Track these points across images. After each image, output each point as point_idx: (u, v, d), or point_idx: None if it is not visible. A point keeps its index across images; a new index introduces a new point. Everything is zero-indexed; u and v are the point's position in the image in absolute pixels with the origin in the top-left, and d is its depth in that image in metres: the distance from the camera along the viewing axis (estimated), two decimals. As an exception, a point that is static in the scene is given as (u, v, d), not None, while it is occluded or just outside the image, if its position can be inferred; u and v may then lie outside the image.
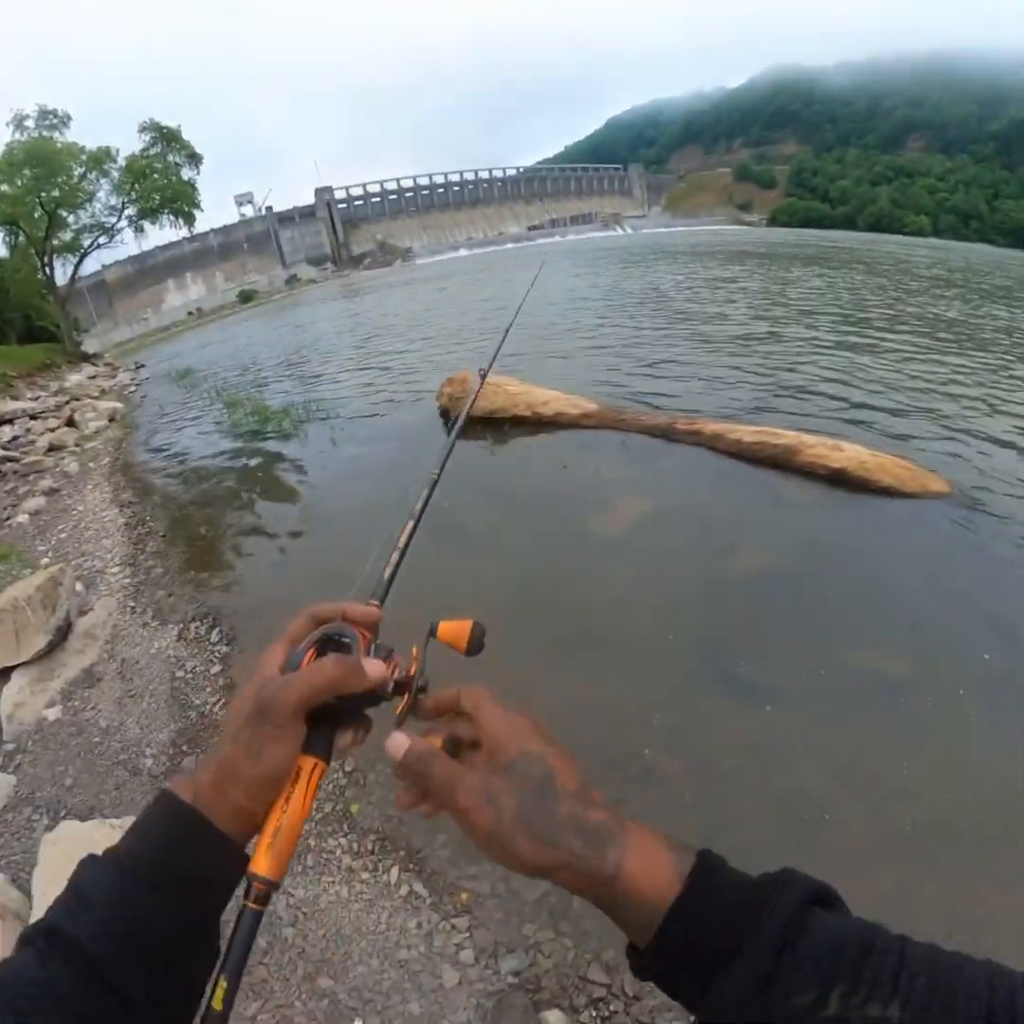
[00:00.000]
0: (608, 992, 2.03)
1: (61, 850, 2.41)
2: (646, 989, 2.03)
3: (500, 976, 2.08)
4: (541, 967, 2.10)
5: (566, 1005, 2.00)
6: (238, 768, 0.46)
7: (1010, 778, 2.65)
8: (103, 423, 11.76)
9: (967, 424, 6.30)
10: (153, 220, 30.05)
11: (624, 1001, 2.01)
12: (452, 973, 2.10)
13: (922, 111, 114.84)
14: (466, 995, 2.04)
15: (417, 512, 0.78)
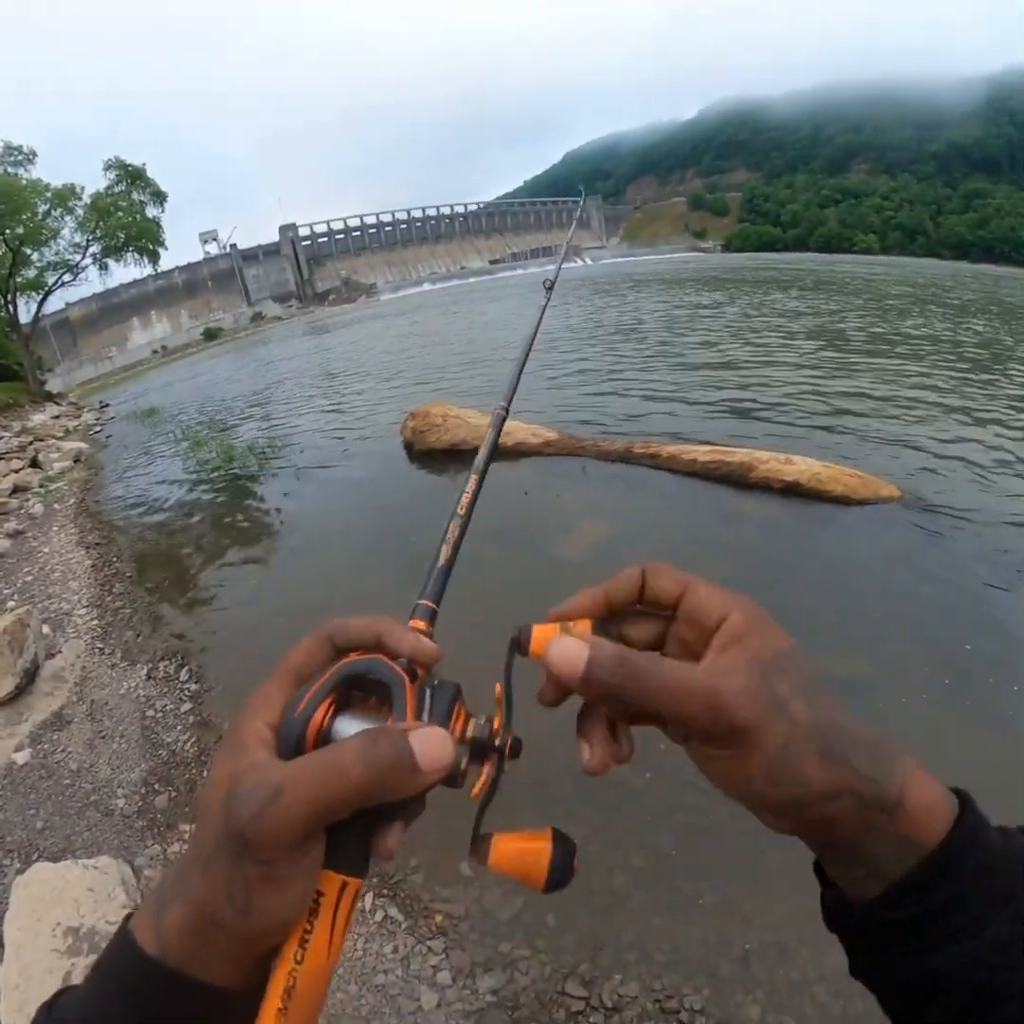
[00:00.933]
0: (587, 1005, 2.06)
1: (32, 892, 2.38)
2: (625, 1000, 2.06)
3: (478, 995, 2.10)
4: (519, 984, 2.12)
5: (546, 1020, 2.03)
6: (218, 918, 0.30)
7: (968, 766, 2.76)
8: (68, 464, 11.60)
9: (914, 431, 6.61)
10: (118, 258, 30.01)
11: (603, 1013, 2.04)
12: (430, 995, 2.11)
13: (865, 135, 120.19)
14: (445, 1016, 2.06)
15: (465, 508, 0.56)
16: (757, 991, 2.05)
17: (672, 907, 2.30)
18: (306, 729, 0.33)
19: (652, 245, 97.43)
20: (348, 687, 0.35)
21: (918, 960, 0.33)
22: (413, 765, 0.31)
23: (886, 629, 3.72)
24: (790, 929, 2.17)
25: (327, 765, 0.30)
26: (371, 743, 0.31)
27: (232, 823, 0.30)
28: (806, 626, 3.79)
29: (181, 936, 0.31)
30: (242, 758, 0.32)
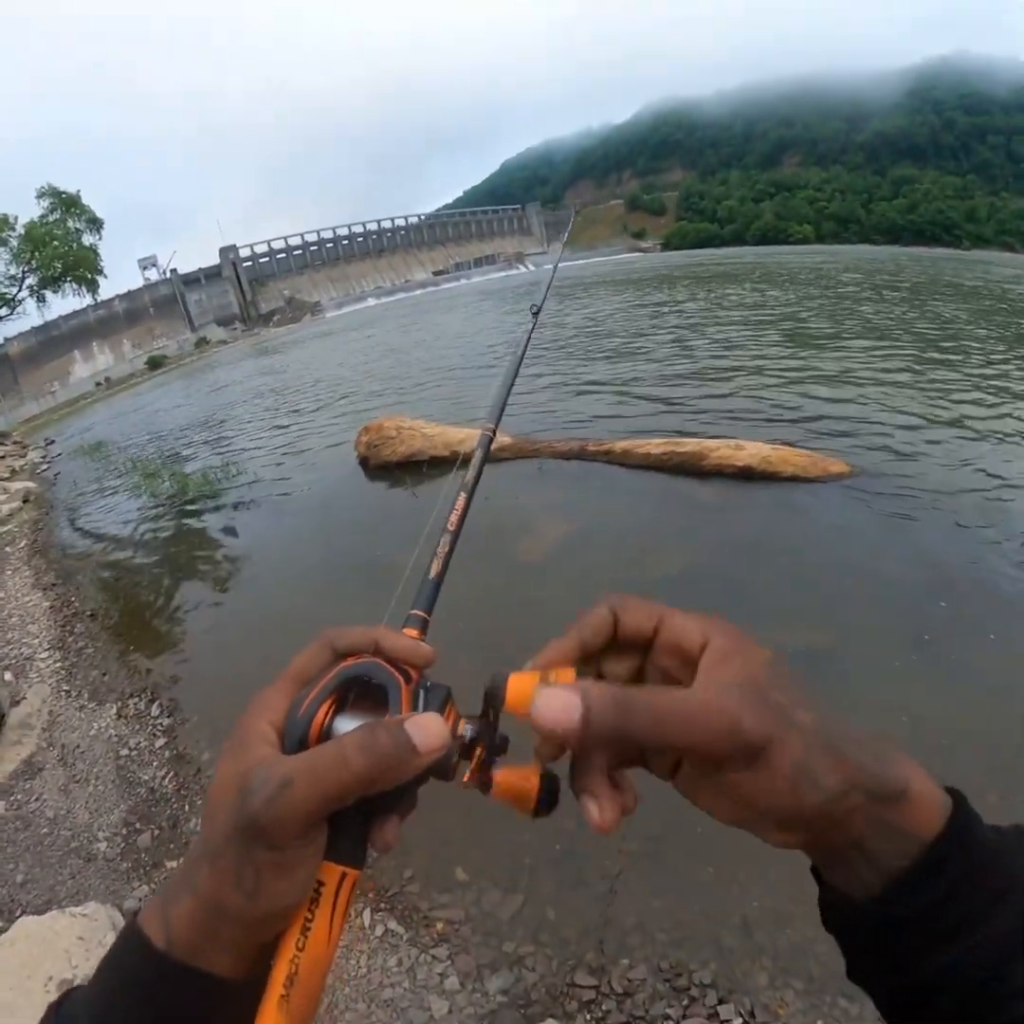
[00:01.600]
0: (598, 993, 2.08)
1: (19, 949, 2.30)
2: (635, 983, 2.09)
3: (489, 997, 2.10)
4: (528, 981, 2.13)
5: (559, 1013, 2.04)
6: (225, 904, 0.32)
7: (932, 719, 2.88)
8: (16, 504, 11.17)
9: (863, 410, 6.86)
10: (55, 289, 29.25)
11: (615, 999, 2.06)
12: (440, 1003, 2.10)
13: (794, 130, 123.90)
14: (458, 1022, 2.05)
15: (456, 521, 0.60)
16: (763, 958, 2.10)
17: (669, 886, 2.33)
18: (309, 728, 0.35)
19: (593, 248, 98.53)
20: (348, 689, 0.37)
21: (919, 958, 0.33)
22: (412, 748, 0.33)
23: (844, 600, 3.86)
24: (785, 893, 2.23)
25: (332, 756, 0.33)
26: (370, 734, 0.33)
27: (245, 813, 0.32)
28: (766, 603, 3.90)
29: (188, 928, 0.33)
30: (249, 756, 0.34)
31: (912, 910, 0.33)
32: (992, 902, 0.32)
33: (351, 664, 0.38)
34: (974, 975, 0.32)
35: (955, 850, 0.33)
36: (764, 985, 2.04)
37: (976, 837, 0.34)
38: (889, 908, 0.34)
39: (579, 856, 2.48)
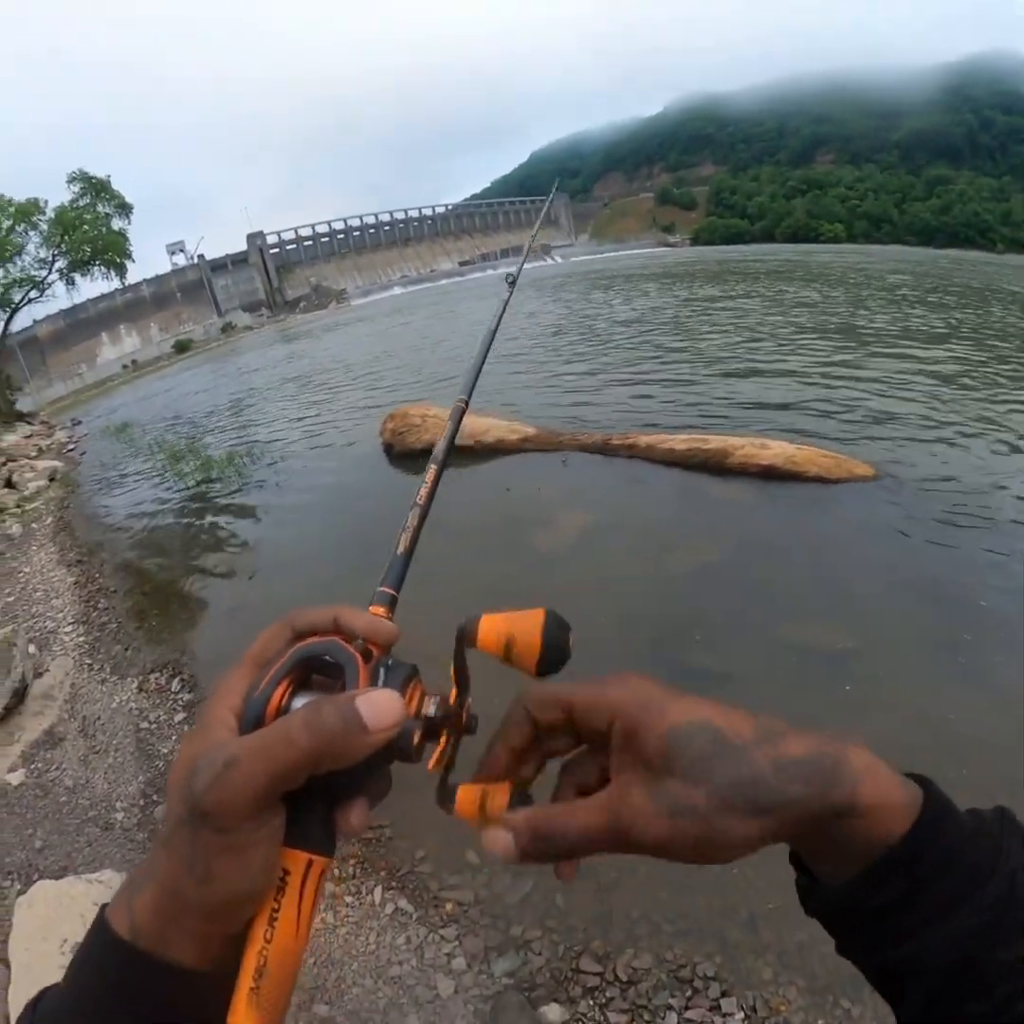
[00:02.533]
0: (602, 980, 2.09)
1: (36, 911, 2.36)
2: (639, 972, 2.09)
3: (494, 979, 2.12)
4: (534, 965, 2.15)
5: (563, 998, 2.05)
6: (181, 891, 0.31)
7: (952, 723, 2.84)
8: (44, 483, 11.41)
9: (889, 412, 6.74)
10: (84, 272, 29.50)
11: (619, 986, 2.07)
12: (447, 982, 2.13)
13: (827, 127, 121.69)
14: (463, 1002, 2.07)
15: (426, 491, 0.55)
16: (767, 954, 2.10)
17: (677, 878, 2.33)
18: (265, 710, 0.34)
19: (622, 241, 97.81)
20: (307, 669, 0.36)
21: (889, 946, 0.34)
22: (360, 725, 0.32)
23: (869, 602, 3.81)
24: (794, 892, 2.21)
25: (276, 735, 0.32)
26: (315, 711, 0.32)
27: (189, 795, 0.31)
28: (788, 603, 3.87)
29: (151, 917, 0.32)
30: (204, 740, 0.33)
31: (878, 902, 0.34)
32: (963, 892, 0.32)
33: (308, 644, 0.37)
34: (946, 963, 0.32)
35: (921, 847, 0.33)
36: (767, 981, 2.04)
37: (946, 829, 0.34)
38: (855, 898, 0.35)
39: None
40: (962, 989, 0.32)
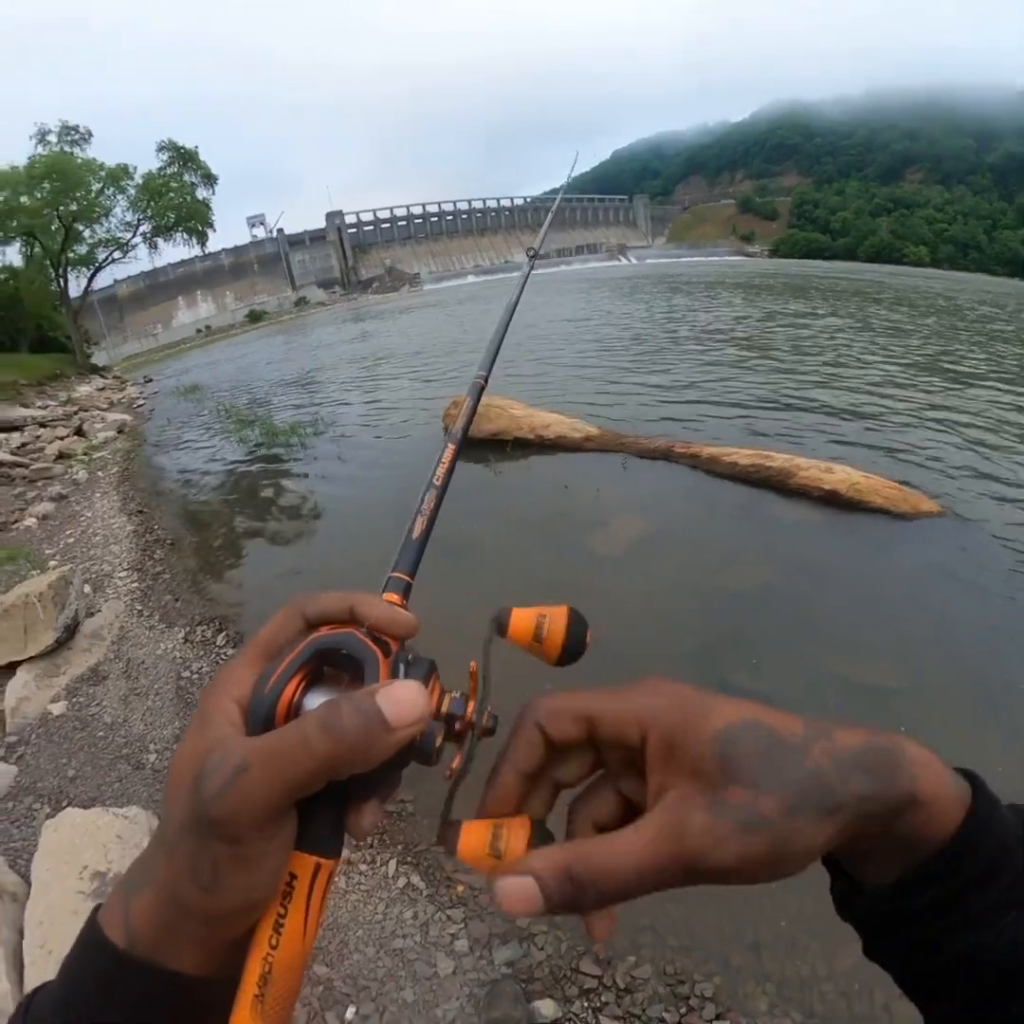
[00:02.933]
0: (600, 984, 2.08)
1: (62, 836, 2.44)
2: (637, 982, 2.07)
3: (494, 966, 2.13)
4: (534, 958, 2.15)
5: (558, 995, 2.05)
6: (183, 899, 0.30)
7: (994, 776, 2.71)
8: (112, 434, 11.92)
9: (962, 449, 6.44)
10: (167, 237, 30.69)
11: (615, 993, 2.05)
12: (447, 962, 2.14)
13: (919, 144, 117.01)
14: (459, 984, 2.09)
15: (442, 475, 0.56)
16: (767, 983, 2.05)
17: (687, 895, 2.29)
18: (275, 706, 0.32)
19: (699, 246, 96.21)
20: (320, 662, 0.34)
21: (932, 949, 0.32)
22: (383, 723, 0.29)
23: (922, 642, 3.65)
24: (803, 925, 2.17)
25: (292, 740, 0.29)
26: (334, 712, 0.30)
27: (198, 802, 0.29)
28: (838, 633, 3.75)
29: (148, 924, 0.30)
30: (208, 736, 0.31)
31: (925, 903, 0.32)
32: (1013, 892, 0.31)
33: (323, 635, 0.34)
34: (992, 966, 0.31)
35: (971, 846, 0.32)
36: (763, 1010, 2.00)
37: (994, 827, 0.32)
38: (901, 901, 0.33)
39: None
40: (1008, 991, 0.31)
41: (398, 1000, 2.05)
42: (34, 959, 2.05)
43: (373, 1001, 2.05)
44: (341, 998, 2.07)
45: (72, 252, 28.11)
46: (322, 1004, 2.06)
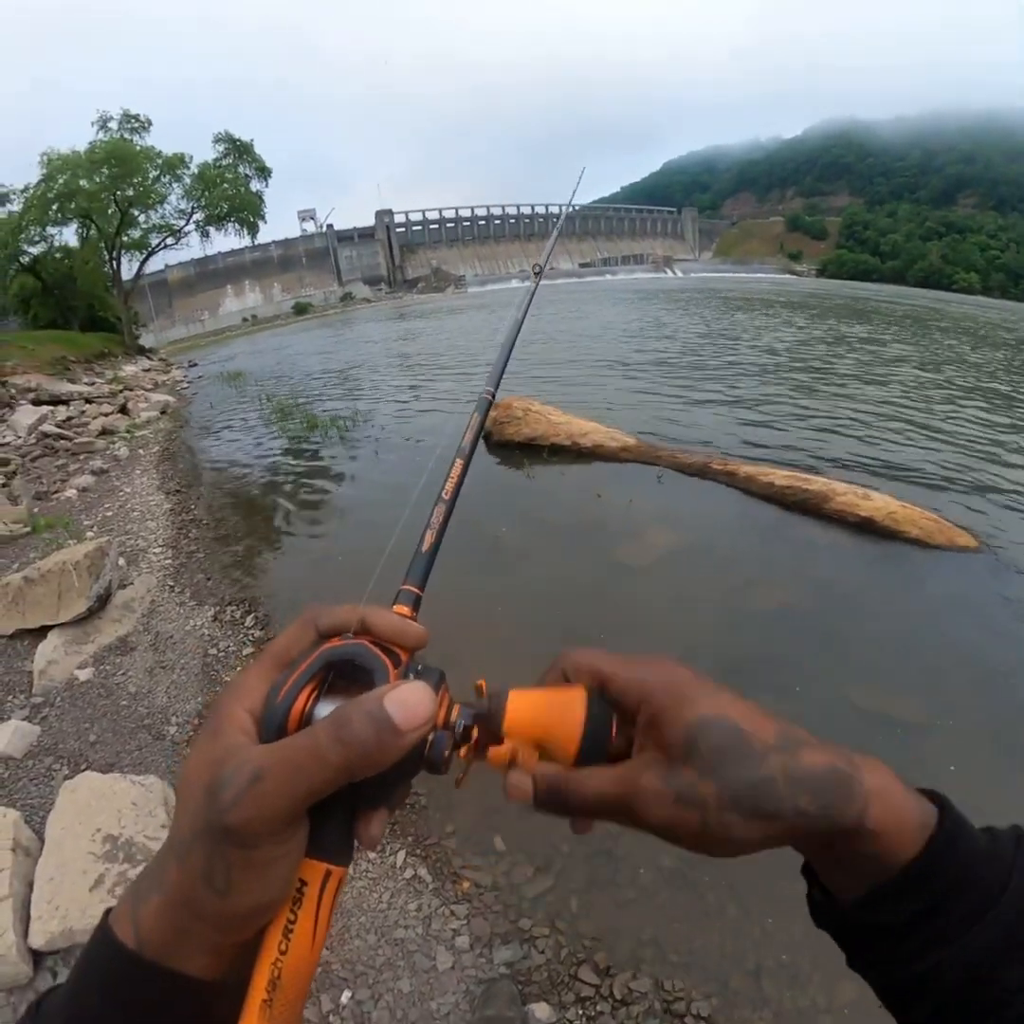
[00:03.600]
0: (596, 993, 2.06)
1: (79, 797, 2.49)
2: (634, 995, 2.06)
3: (493, 965, 2.13)
4: (534, 961, 2.14)
5: (554, 1000, 2.04)
6: (195, 902, 0.31)
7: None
8: (155, 414, 12.21)
9: (1004, 484, 6.26)
10: (219, 227, 31.37)
11: (611, 1003, 2.03)
12: (446, 956, 2.15)
13: (974, 168, 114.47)
14: (457, 979, 2.09)
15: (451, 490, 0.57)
16: (764, 1009, 2.02)
17: (694, 912, 2.27)
18: (288, 716, 0.33)
19: (745, 263, 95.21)
20: (332, 673, 0.35)
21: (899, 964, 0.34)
22: (392, 728, 0.31)
23: (947, 678, 3.55)
24: (806, 954, 2.13)
25: (304, 748, 0.30)
26: (344, 719, 0.31)
27: (213, 809, 0.30)
28: (861, 661, 3.67)
29: (158, 927, 0.31)
30: (222, 745, 0.32)
31: (889, 920, 0.34)
32: (975, 912, 0.32)
33: (335, 646, 0.35)
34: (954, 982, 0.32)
35: (935, 867, 0.33)
36: (758, 1037, 1.97)
37: (959, 849, 0.34)
38: (866, 916, 0.35)
39: (615, 858, 2.45)
40: (972, 1008, 0.32)
41: (394, 989, 2.06)
42: (40, 914, 2.09)
43: (369, 988, 2.07)
44: (338, 982, 2.08)
45: (126, 236, 28.90)
46: (318, 986, 2.08)
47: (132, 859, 2.30)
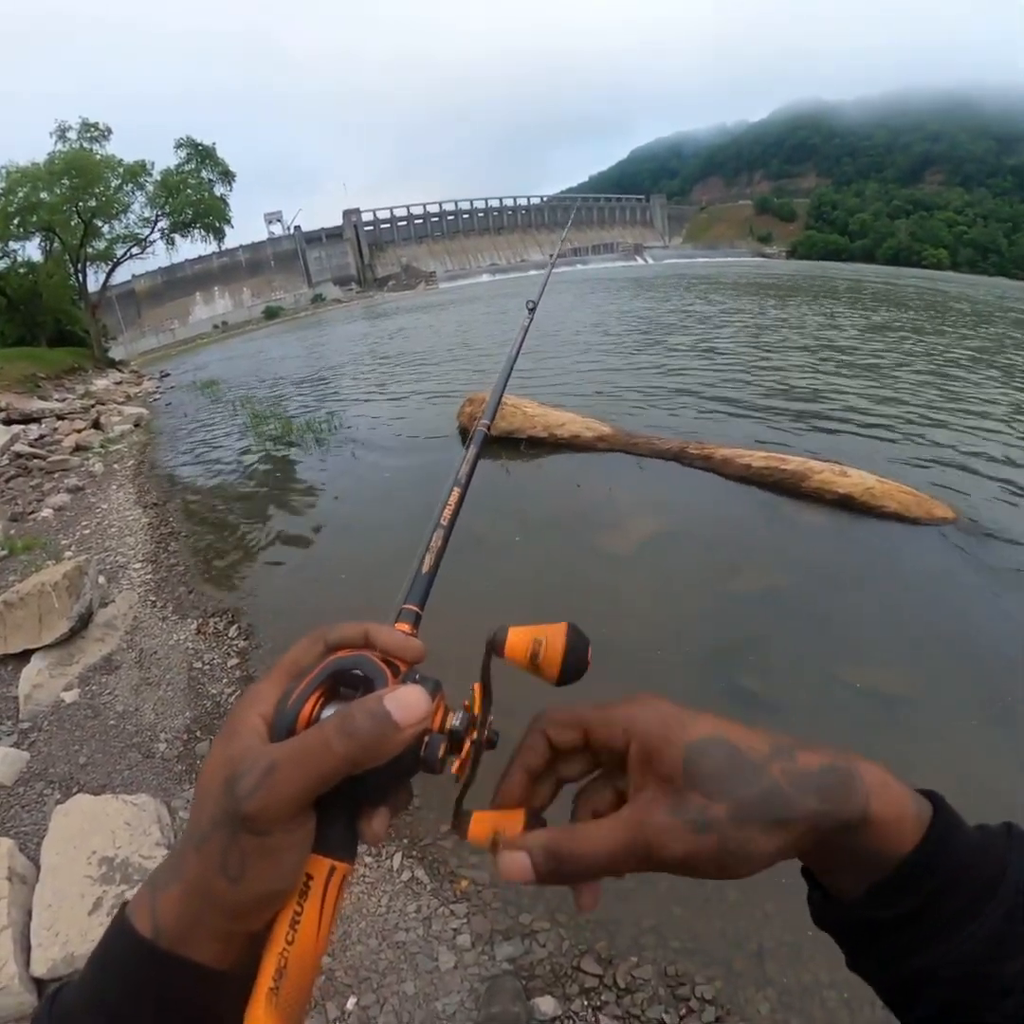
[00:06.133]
0: (600, 983, 2.07)
1: (72, 821, 2.47)
2: (638, 982, 2.07)
3: (495, 962, 2.13)
4: (536, 955, 2.15)
5: (559, 993, 2.05)
6: (212, 890, 0.33)
7: (1000, 792, 2.68)
8: (128, 427, 12.04)
9: (976, 454, 6.36)
10: (184, 234, 30.95)
11: (616, 992, 2.05)
12: (448, 956, 2.15)
13: (940, 145, 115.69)
14: (460, 978, 2.09)
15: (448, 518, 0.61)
16: (768, 988, 2.04)
17: (694, 898, 2.29)
18: (297, 719, 0.35)
19: (715, 247, 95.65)
20: (337, 682, 0.38)
21: (898, 960, 0.35)
22: (392, 723, 0.33)
23: (928, 649, 3.62)
24: (807, 932, 2.15)
25: (313, 741, 0.33)
26: (349, 716, 0.34)
27: (231, 799, 0.32)
28: (845, 637, 3.72)
29: (175, 916, 0.33)
30: (237, 745, 0.35)
31: (890, 915, 0.35)
32: (972, 906, 0.33)
33: (340, 657, 0.38)
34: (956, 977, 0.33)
35: (932, 861, 0.34)
36: (763, 1015, 1.99)
37: (954, 845, 0.35)
38: (866, 913, 0.36)
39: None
40: (972, 1001, 0.33)
41: (399, 992, 2.06)
42: (41, 941, 2.07)
43: (374, 992, 2.07)
44: (343, 988, 2.08)
45: (91, 247, 28.41)
46: (323, 994, 2.08)
47: (129, 879, 2.28)
